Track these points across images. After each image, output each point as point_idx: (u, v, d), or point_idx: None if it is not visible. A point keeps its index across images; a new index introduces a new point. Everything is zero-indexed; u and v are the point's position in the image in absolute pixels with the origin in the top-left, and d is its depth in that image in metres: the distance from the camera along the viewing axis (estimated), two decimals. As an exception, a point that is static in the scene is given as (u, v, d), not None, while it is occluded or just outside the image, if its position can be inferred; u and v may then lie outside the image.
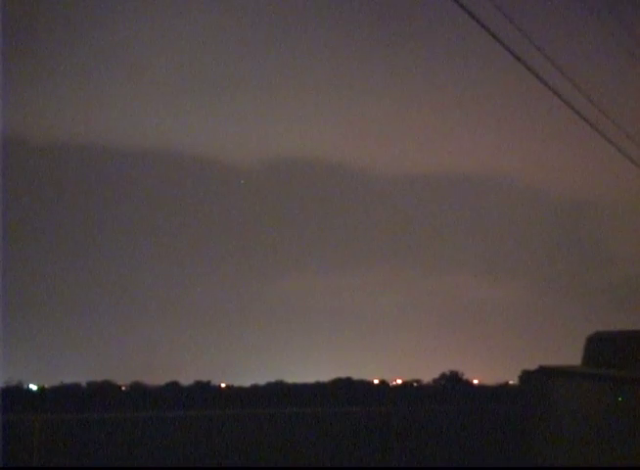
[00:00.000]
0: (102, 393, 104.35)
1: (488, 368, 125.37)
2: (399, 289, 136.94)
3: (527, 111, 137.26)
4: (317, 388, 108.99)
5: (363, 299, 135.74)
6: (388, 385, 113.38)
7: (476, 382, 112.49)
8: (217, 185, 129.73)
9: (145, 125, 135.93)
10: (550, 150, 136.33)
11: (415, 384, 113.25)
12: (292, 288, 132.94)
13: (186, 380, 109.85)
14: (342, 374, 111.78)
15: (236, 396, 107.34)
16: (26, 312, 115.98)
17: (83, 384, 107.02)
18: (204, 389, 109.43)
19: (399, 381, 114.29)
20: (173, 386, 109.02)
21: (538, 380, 24.99)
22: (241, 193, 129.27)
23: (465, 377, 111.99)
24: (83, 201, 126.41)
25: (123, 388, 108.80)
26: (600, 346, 26.73)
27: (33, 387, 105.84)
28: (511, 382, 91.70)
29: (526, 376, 25.50)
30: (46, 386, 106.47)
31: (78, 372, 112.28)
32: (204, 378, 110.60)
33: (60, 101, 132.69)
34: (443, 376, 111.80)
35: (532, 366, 25.87)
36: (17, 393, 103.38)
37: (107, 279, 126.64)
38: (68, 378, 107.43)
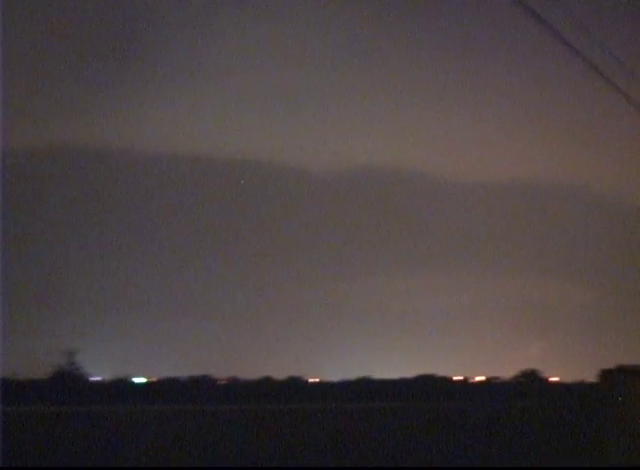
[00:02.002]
0: (200, 386, 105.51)
1: (566, 366, 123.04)
2: (479, 290, 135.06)
3: (600, 119, 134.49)
4: (402, 383, 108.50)
5: (446, 299, 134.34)
6: (469, 382, 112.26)
7: (553, 379, 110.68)
8: (301, 192, 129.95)
9: (230, 136, 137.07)
10: (624, 157, 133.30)
11: (495, 381, 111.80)
12: (379, 288, 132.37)
13: (279, 375, 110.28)
14: (426, 371, 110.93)
15: (326, 390, 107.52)
16: (134, 311, 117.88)
17: (184, 378, 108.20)
18: (295, 383, 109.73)
19: (480, 378, 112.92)
20: (266, 381, 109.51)
21: (617, 378, 24.26)
22: (322, 199, 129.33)
23: (543, 375, 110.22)
24: (177, 207, 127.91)
25: (221, 381, 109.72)
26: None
27: (139, 380, 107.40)
28: (588, 380, 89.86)
29: (605, 375, 24.76)
30: (150, 379, 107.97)
31: (181, 367, 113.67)
32: (296, 373, 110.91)
33: (155, 114, 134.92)
34: (522, 374, 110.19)
35: (610, 365, 25.13)
36: (123, 385, 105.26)
37: (205, 282, 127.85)
38: (172, 372, 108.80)
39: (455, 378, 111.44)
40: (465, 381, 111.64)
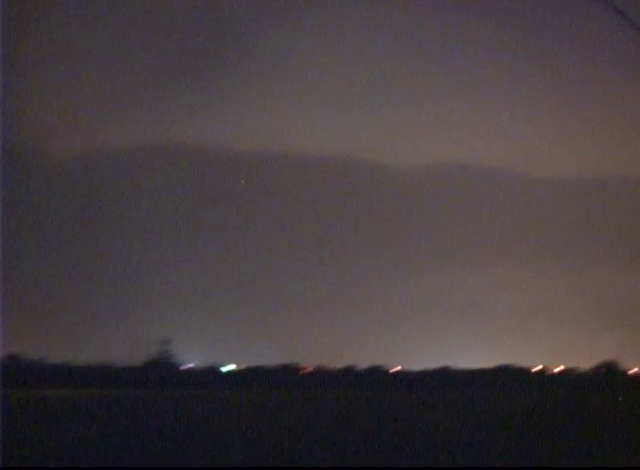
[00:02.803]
0: (286, 374, 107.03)
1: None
2: (559, 282, 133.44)
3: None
4: (481, 373, 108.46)
5: (526, 292, 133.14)
6: (547, 372, 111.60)
7: (633, 371, 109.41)
8: (383, 189, 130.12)
9: (318, 134, 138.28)
10: None
11: (573, 372, 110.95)
12: (460, 281, 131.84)
13: (362, 364, 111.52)
14: (505, 361, 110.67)
15: (406, 380, 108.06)
16: (226, 302, 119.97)
17: (270, 366, 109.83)
18: (377, 372, 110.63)
19: (558, 369, 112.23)
20: (349, 370, 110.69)
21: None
22: (402, 197, 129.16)
23: (621, 367, 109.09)
24: (267, 202, 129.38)
25: (306, 370, 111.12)
26: None
27: (228, 368, 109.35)
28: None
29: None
30: (239, 367, 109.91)
31: (269, 355, 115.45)
32: (378, 362, 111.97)
33: (246, 113, 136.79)
34: (600, 365, 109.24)
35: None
36: (210, 373, 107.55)
37: (292, 275, 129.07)
38: (260, 361, 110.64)
39: (534, 369, 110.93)
40: (543, 372, 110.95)
